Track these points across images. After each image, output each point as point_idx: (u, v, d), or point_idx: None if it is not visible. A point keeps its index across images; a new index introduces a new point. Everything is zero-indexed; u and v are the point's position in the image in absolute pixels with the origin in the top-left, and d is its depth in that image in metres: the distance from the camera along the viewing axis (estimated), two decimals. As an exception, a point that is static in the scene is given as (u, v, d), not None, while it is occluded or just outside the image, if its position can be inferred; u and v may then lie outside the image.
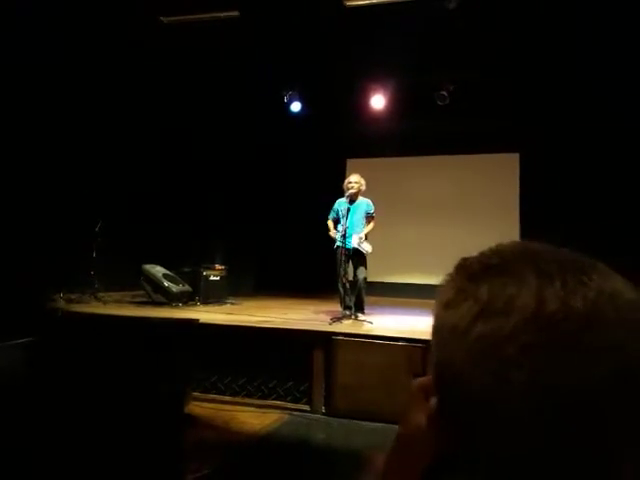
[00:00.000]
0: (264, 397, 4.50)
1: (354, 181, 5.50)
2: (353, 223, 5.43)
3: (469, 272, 0.42)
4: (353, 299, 5.46)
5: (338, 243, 5.43)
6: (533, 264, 0.39)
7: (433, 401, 0.44)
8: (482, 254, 0.43)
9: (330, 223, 5.66)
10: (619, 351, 0.35)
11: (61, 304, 5.43)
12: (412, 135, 8.29)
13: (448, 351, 0.40)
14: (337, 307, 5.63)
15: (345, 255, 5.36)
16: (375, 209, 5.60)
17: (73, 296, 5.73)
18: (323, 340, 4.43)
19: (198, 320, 4.72)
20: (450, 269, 0.44)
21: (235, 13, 5.90)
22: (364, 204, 5.56)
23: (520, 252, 0.41)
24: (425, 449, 0.47)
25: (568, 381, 0.35)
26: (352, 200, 5.48)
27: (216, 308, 6.08)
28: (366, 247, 5.38)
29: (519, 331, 0.36)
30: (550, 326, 0.36)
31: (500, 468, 0.38)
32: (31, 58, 5.39)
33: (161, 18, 6.07)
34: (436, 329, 0.42)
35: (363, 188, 5.55)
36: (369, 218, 5.58)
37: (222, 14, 5.94)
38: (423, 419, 0.46)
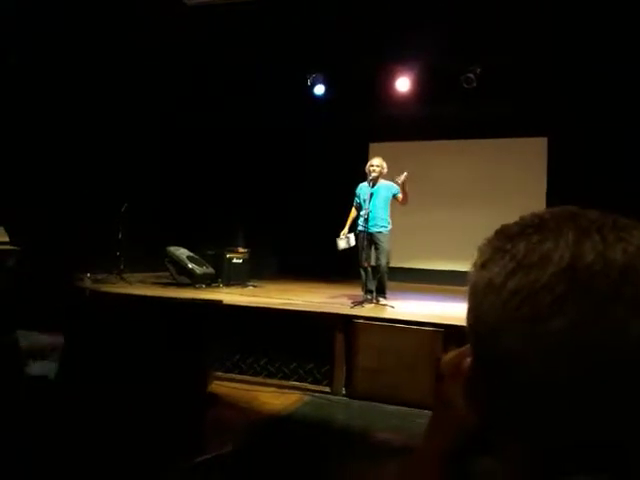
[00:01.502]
0: (285, 378, 4.56)
1: (376, 164, 5.46)
2: (375, 206, 5.41)
3: (507, 234, 0.42)
4: (375, 283, 5.46)
5: (360, 227, 5.42)
6: (572, 222, 0.39)
7: (467, 362, 0.44)
8: (522, 217, 0.43)
9: (353, 212, 5.68)
10: None
11: (88, 284, 5.56)
12: (437, 119, 8.15)
13: (484, 308, 0.40)
14: (359, 291, 5.63)
15: (367, 240, 5.35)
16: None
17: (100, 276, 5.86)
18: (344, 323, 4.45)
19: (222, 301, 4.78)
20: (472, 254, 0.44)
21: (259, -6, 5.86)
22: (386, 188, 5.52)
23: (559, 213, 0.41)
24: (460, 424, 0.47)
25: (606, 331, 0.34)
26: (374, 184, 5.45)
27: (238, 290, 6.15)
28: (343, 244, 5.41)
29: (555, 281, 0.36)
30: (587, 277, 0.35)
31: (535, 425, 0.38)
32: (61, 42, 5.46)
33: (184, 1, 6.06)
34: (472, 289, 0.42)
35: (385, 172, 5.51)
36: (397, 196, 5.54)
37: (246, -4, 5.90)
38: (458, 389, 0.46)
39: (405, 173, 5.33)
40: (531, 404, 0.37)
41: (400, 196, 5.50)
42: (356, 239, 5.47)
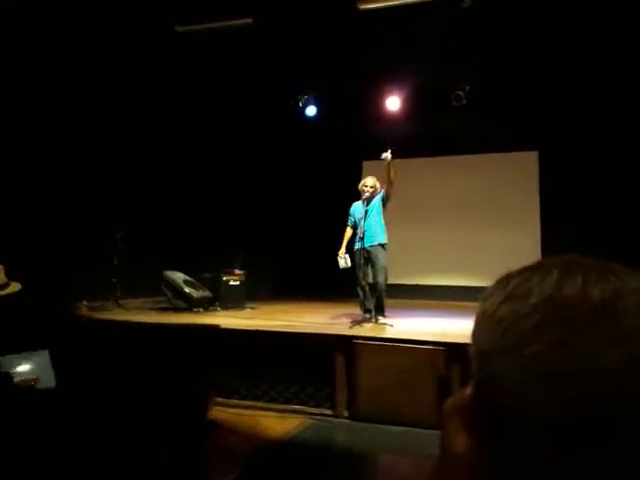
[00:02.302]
0: (286, 402, 4.51)
1: (369, 185, 5.50)
2: (370, 224, 5.43)
3: (509, 274, 0.45)
4: (373, 302, 5.44)
5: (357, 246, 5.42)
6: (564, 265, 0.42)
7: (468, 390, 0.46)
8: (527, 264, 0.46)
9: (348, 231, 5.68)
10: (633, 340, 0.36)
11: (84, 311, 5.51)
12: (428, 136, 8.23)
13: (479, 335, 0.44)
14: (357, 310, 5.61)
15: (364, 257, 5.35)
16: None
17: (96, 303, 5.81)
18: (344, 344, 4.42)
19: (219, 325, 4.75)
20: (470, 270, 0.48)
21: (249, 20, 5.95)
22: (377, 200, 5.56)
23: (558, 259, 0.43)
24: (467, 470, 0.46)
25: (578, 360, 0.36)
26: (368, 203, 5.48)
27: (236, 313, 6.11)
28: (342, 263, 5.43)
29: (535, 310, 0.39)
30: (564, 307, 0.38)
31: (524, 454, 0.39)
32: (51, 68, 5.49)
33: (176, 27, 6.14)
34: (475, 319, 0.45)
35: (378, 191, 5.56)
36: (385, 201, 5.57)
37: (236, 22, 5.99)
38: (463, 440, 0.45)
39: (388, 155, 5.29)
40: (518, 428, 0.39)
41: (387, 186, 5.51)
42: (352, 258, 5.48)
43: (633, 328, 0.36)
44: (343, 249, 5.57)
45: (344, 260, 5.46)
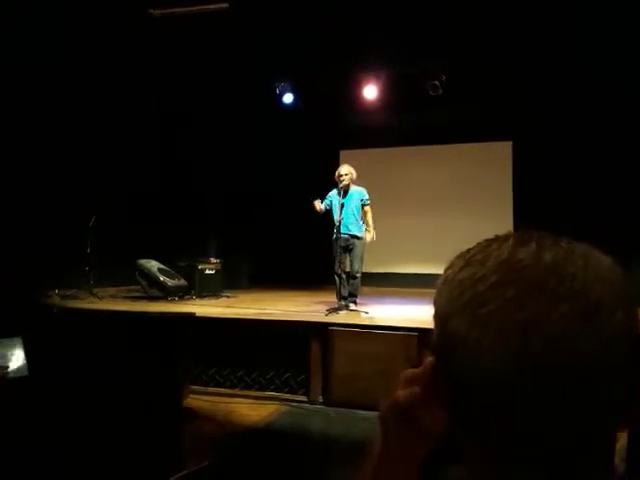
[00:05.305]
0: (262, 389, 4.53)
1: (344, 173, 5.49)
2: (347, 215, 5.45)
3: (468, 248, 0.47)
4: (349, 290, 5.49)
5: (334, 235, 5.44)
6: (519, 235, 0.44)
7: (431, 359, 0.48)
8: None
9: (320, 204, 5.67)
10: (578, 298, 0.39)
11: (56, 300, 5.42)
12: (405, 125, 8.28)
13: (439, 300, 0.45)
14: (333, 298, 5.65)
15: (341, 246, 5.38)
16: (369, 196, 5.63)
17: (68, 292, 5.72)
18: (320, 331, 4.46)
19: (195, 314, 4.73)
20: (445, 258, 0.49)
21: (225, 5, 5.86)
22: (357, 194, 5.57)
23: (515, 232, 0.46)
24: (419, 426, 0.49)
25: (530, 316, 0.38)
26: (345, 192, 5.49)
27: (212, 302, 6.09)
28: (318, 206, 5.56)
29: (491, 272, 0.41)
30: (518, 268, 0.40)
31: (483, 411, 0.40)
32: (22, 52, 5.34)
33: (150, 11, 6.01)
34: (436, 287, 0.47)
35: (354, 177, 5.56)
36: (364, 207, 5.60)
37: (212, 6, 5.89)
38: (416, 389, 0.49)
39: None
40: (477, 386, 0.40)
41: (367, 209, 5.60)
42: (331, 246, 5.50)
43: (579, 287, 0.39)
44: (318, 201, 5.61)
45: (318, 202, 5.56)
